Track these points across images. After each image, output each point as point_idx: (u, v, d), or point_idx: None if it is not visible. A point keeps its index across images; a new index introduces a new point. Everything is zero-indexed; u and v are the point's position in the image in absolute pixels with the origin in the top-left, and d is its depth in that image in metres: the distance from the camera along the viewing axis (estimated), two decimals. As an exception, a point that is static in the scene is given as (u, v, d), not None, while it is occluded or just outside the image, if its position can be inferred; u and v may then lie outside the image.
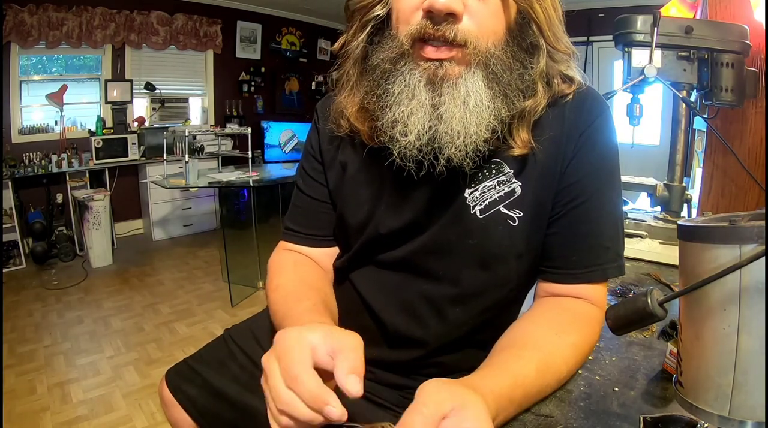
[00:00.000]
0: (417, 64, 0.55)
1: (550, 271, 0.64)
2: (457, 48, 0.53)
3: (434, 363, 0.68)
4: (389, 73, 0.57)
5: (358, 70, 0.63)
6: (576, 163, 0.60)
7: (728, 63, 1.01)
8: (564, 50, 0.59)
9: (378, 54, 0.58)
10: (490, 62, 0.54)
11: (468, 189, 0.61)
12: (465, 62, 0.54)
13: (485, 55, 0.54)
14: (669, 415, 0.50)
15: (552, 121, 0.61)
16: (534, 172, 0.61)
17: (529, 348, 0.54)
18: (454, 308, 0.65)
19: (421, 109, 0.55)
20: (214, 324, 2.68)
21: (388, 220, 0.65)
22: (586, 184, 0.60)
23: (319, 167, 0.73)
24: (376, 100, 0.58)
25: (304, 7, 5.16)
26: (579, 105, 0.61)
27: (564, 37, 0.59)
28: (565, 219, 0.61)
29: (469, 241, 0.62)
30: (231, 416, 0.78)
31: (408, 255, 0.65)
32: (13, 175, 3.50)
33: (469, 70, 0.54)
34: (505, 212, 0.61)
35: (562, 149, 0.60)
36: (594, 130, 0.61)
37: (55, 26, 3.77)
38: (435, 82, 0.54)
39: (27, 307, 2.86)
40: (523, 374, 0.50)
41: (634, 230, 1.17)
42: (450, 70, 0.54)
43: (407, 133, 0.55)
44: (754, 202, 1.14)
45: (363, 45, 0.61)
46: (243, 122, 4.97)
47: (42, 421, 1.82)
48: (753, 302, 0.34)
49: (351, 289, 0.71)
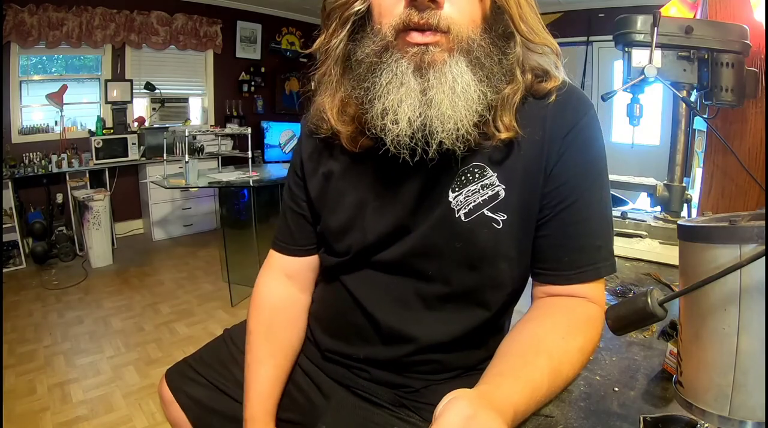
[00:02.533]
0: (403, 52, 0.55)
1: (544, 273, 0.64)
2: (441, 34, 0.54)
3: (428, 361, 0.68)
4: (376, 66, 0.57)
5: (340, 68, 0.63)
6: (563, 164, 0.60)
7: (728, 63, 1.01)
8: (541, 43, 0.60)
9: (362, 49, 0.59)
10: (473, 48, 0.56)
11: (452, 192, 0.62)
12: (448, 49, 0.55)
13: (467, 41, 0.55)
14: (669, 415, 0.50)
15: (534, 120, 0.61)
16: (517, 175, 0.61)
17: (541, 355, 0.53)
18: (446, 305, 0.66)
19: (410, 96, 0.55)
20: (214, 324, 2.68)
21: (375, 225, 0.66)
22: (575, 184, 0.60)
23: (300, 182, 0.75)
24: (364, 94, 0.58)
25: (304, 7, 5.16)
26: (562, 105, 0.61)
27: (542, 31, 0.60)
28: (555, 221, 0.61)
29: (456, 244, 0.62)
30: (231, 416, 0.78)
31: (398, 257, 0.65)
32: (13, 175, 3.50)
33: (453, 57, 0.55)
34: (490, 215, 0.61)
35: (546, 150, 0.60)
36: (579, 130, 0.60)
37: (55, 26, 3.76)
38: (422, 68, 0.55)
39: (27, 307, 2.86)
40: (538, 385, 0.50)
41: (634, 230, 1.17)
42: (436, 56, 0.55)
43: (398, 120, 0.56)
44: (754, 202, 1.14)
45: (345, 43, 0.62)
46: (243, 122, 4.97)
47: (42, 421, 1.82)
48: (753, 302, 0.34)
49: (342, 289, 0.71)
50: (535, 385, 0.50)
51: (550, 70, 0.62)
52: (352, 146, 0.65)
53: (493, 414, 0.42)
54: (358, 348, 0.71)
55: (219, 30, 4.81)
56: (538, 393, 0.50)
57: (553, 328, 0.58)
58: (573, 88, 0.63)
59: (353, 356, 0.71)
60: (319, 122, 0.67)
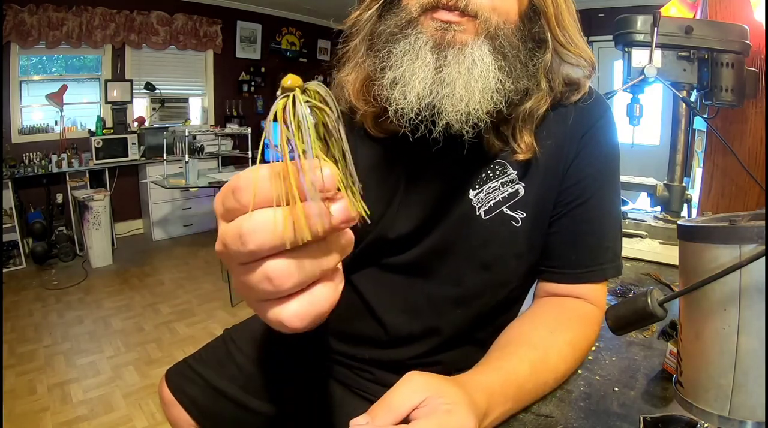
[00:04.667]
0: (426, 26, 0.53)
1: (550, 271, 0.64)
2: (468, 17, 0.51)
3: (433, 362, 0.68)
4: (394, 36, 0.55)
5: (365, 45, 0.60)
6: (578, 163, 0.60)
7: (728, 63, 1.01)
8: (575, 53, 0.58)
9: (385, 23, 0.56)
10: (499, 36, 0.53)
11: (473, 190, 0.61)
12: (473, 32, 0.52)
13: (495, 28, 0.52)
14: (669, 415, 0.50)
15: (555, 123, 0.61)
16: (537, 173, 0.60)
17: (523, 346, 0.54)
18: (455, 308, 0.65)
19: (423, 70, 0.52)
20: (214, 324, 2.68)
21: (398, 224, 0.64)
22: (589, 183, 0.60)
23: None
24: (378, 63, 0.56)
25: (304, 7, 5.16)
26: (581, 106, 0.61)
27: (580, 40, 0.58)
28: (567, 219, 0.61)
29: (473, 243, 0.61)
30: (231, 416, 0.78)
31: (414, 258, 0.64)
32: (13, 175, 3.50)
33: (477, 41, 0.52)
34: (509, 213, 0.60)
35: (565, 150, 0.60)
36: (596, 131, 0.61)
37: (55, 26, 3.76)
38: (441, 46, 0.52)
39: (27, 307, 2.86)
40: (515, 370, 0.50)
41: (634, 230, 1.16)
42: (458, 37, 0.52)
43: (406, 93, 0.53)
44: (754, 202, 1.14)
45: (374, 19, 0.59)
46: (243, 122, 4.97)
47: (42, 421, 1.82)
48: (753, 302, 0.34)
49: (351, 291, 0.70)
50: (511, 370, 0.50)
51: (580, 80, 0.61)
52: (377, 131, 0.63)
53: (445, 382, 0.43)
54: (363, 350, 0.70)
55: (219, 30, 4.81)
56: (518, 378, 0.50)
57: (541, 323, 0.58)
58: (593, 90, 0.63)
59: (357, 356, 0.71)
60: (339, 95, 0.64)
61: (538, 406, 0.54)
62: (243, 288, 0.28)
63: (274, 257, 0.26)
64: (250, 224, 0.25)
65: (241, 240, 0.25)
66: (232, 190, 0.26)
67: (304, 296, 0.27)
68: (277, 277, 0.26)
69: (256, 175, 0.26)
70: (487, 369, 0.50)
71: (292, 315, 0.27)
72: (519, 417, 0.52)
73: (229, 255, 0.27)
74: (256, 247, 0.25)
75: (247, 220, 0.25)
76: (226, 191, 0.27)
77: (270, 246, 0.25)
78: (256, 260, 0.26)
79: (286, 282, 0.26)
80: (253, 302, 0.29)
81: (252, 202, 0.25)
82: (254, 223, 0.25)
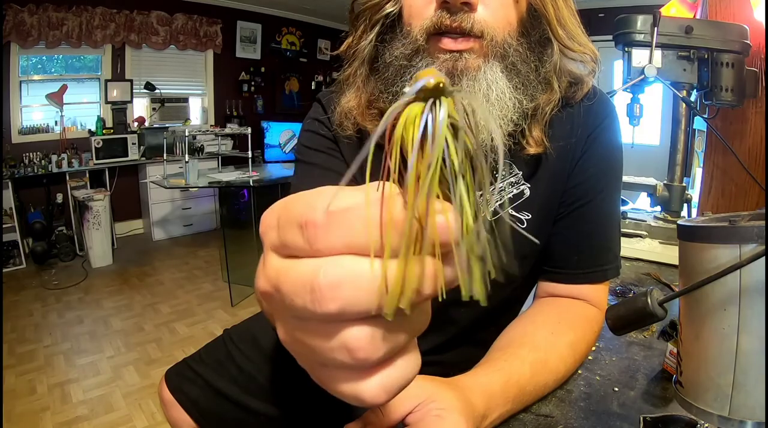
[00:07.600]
0: (435, 58, 0.53)
1: (552, 271, 0.64)
2: (474, 39, 0.51)
3: (434, 362, 0.68)
4: (405, 70, 0.55)
5: (366, 70, 0.61)
6: (583, 163, 0.60)
7: (728, 63, 1.01)
8: (579, 50, 0.58)
9: (391, 52, 0.56)
10: (508, 53, 0.53)
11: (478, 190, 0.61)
12: (483, 54, 0.52)
13: (503, 46, 0.52)
14: (669, 415, 0.50)
15: (561, 123, 0.61)
16: (544, 174, 0.60)
17: (524, 348, 0.54)
18: (458, 309, 0.65)
19: None
20: (214, 324, 2.68)
21: None
22: (592, 184, 0.61)
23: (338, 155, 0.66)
24: (392, 98, 0.56)
25: (304, 7, 5.16)
26: (588, 107, 0.61)
27: (581, 36, 0.58)
28: (569, 219, 0.61)
29: None
30: (231, 416, 0.78)
31: None
32: (13, 175, 3.50)
33: (488, 63, 0.52)
34: (514, 214, 0.60)
35: (571, 151, 0.60)
36: (601, 131, 0.61)
37: (55, 26, 3.76)
38: (455, 76, 0.52)
39: (27, 307, 2.86)
40: (517, 372, 0.50)
41: (634, 230, 1.16)
42: (469, 63, 0.52)
43: None
44: (754, 202, 1.14)
45: (373, 44, 0.59)
46: (243, 122, 4.96)
47: (42, 421, 1.82)
48: (753, 302, 0.34)
49: None
50: (512, 371, 0.50)
51: (583, 76, 0.61)
52: None
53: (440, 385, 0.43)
54: None
55: (219, 30, 4.81)
56: (520, 379, 0.50)
57: (543, 324, 0.58)
58: (597, 90, 0.63)
59: None
60: (344, 121, 0.64)
61: (538, 406, 0.54)
62: (298, 346, 0.21)
63: (356, 323, 0.19)
64: (335, 275, 0.17)
65: (313, 294, 0.17)
66: (303, 223, 0.18)
67: (386, 371, 0.20)
68: (359, 349, 0.19)
69: (341, 205, 0.18)
70: (488, 370, 0.50)
71: (374, 394, 0.20)
72: (519, 417, 0.52)
73: (283, 304, 0.19)
74: (338, 310, 0.17)
75: (332, 268, 0.18)
76: (286, 218, 0.20)
77: (358, 311, 0.18)
78: (329, 322, 0.19)
79: (371, 356, 0.19)
80: (314, 364, 0.21)
81: (334, 249, 0.18)
82: (341, 275, 0.17)
